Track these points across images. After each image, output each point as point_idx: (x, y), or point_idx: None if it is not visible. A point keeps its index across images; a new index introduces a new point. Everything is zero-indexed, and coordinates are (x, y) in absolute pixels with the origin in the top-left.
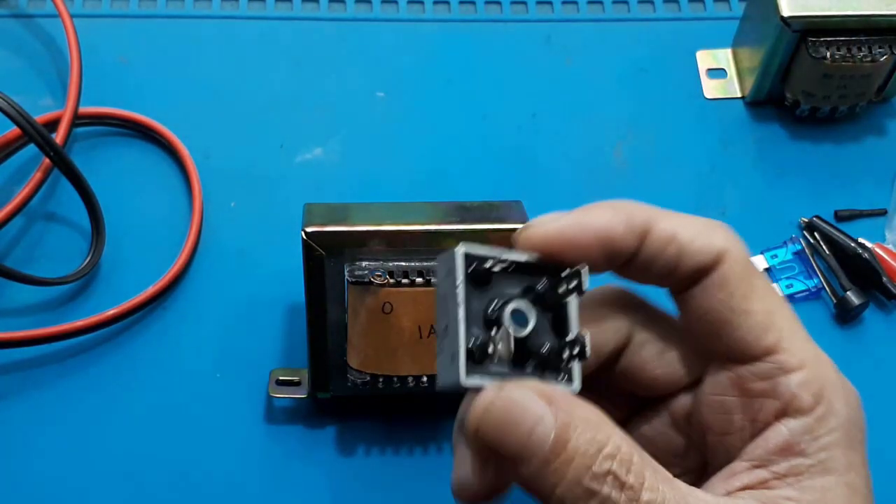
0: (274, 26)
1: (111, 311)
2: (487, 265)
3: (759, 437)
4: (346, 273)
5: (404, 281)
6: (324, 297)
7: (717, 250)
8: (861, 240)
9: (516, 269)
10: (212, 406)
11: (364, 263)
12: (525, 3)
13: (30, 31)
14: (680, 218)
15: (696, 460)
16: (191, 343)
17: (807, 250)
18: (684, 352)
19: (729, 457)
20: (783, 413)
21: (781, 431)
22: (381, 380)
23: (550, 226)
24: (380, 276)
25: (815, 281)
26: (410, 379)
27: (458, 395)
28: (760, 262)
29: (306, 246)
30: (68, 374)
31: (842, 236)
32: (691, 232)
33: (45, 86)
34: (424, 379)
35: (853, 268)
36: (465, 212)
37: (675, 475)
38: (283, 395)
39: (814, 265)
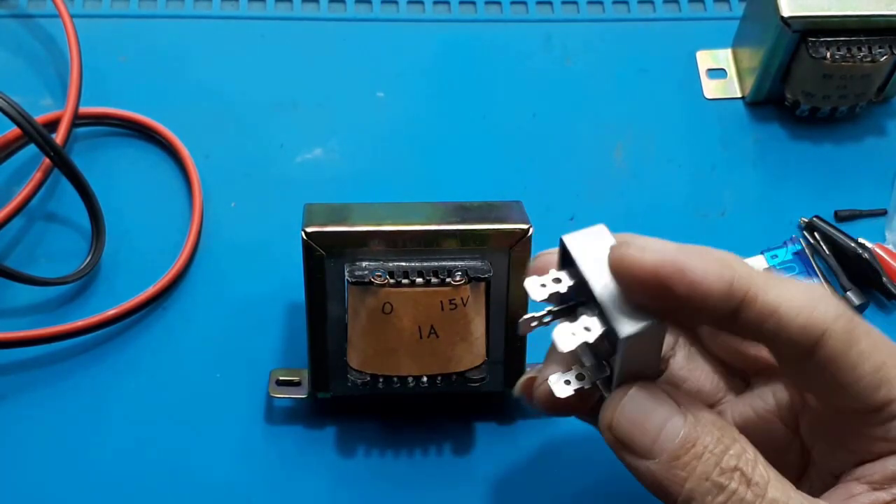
0: (274, 26)
1: (111, 311)
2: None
3: (878, 462)
4: (346, 273)
5: (404, 281)
6: (324, 297)
7: (818, 331)
8: (861, 240)
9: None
10: (212, 406)
11: (364, 264)
12: (525, 3)
13: (30, 31)
14: (784, 289)
15: (798, 458)
16: (191, 343)
17: (807, 250)
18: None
19: (837, 465)
20: None
21: None
22: (381, 380)
23: (648, 256)
24: (380, 276)
25: (815, 281)
26: (410, 379)
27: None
28: (760, 262)
29: (306, 246)
30: (68, 374)
31: (842, 236)
32: (793, 309)
33: (45, 86)
34: (424, 379)
35: (853, 268)
36: (465, 212)
37: (780, 464)
38: (283, 395)
39: (814, 265)
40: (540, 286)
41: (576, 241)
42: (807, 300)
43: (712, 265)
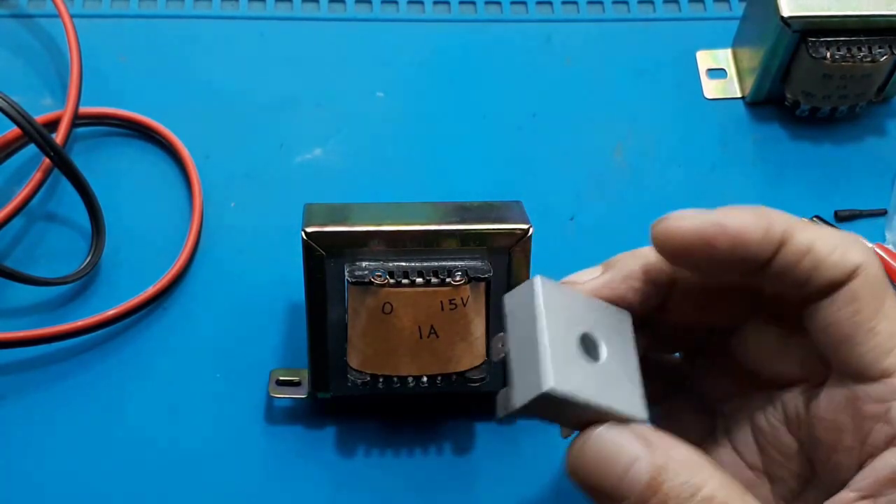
0: (274, 26)
1: (111, 311)
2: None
3: (869, 465)
4: (346, 273)
5: (404, 281)
6: (324, 297)
7: (852, 265)
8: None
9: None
10: (212, 406)
11: (364, 264)
12: (525, 3)
13: (30, 31)
14: (818, 230)
15: (805, 467)
16: (191, 343)
17: None
18: (802, 352)
19: (837, 473)
20: (894, 440)
21: (890, 462)
22: (381, 380)
23: (687, 223)
24: (380, 276)
25: None
26: (410, 379)
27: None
28: None
29: (306, 246)
30: (68, 374)
31: None
32: (828, 245)
33: (45, 86)
34: (424, 379)
35: None
36: (465, 212)
37: (782, 477)
38: (283, 395)
39: None
40: (500, 346)
41: (510, 301)
42: (841, 240)
43: (748, 216)
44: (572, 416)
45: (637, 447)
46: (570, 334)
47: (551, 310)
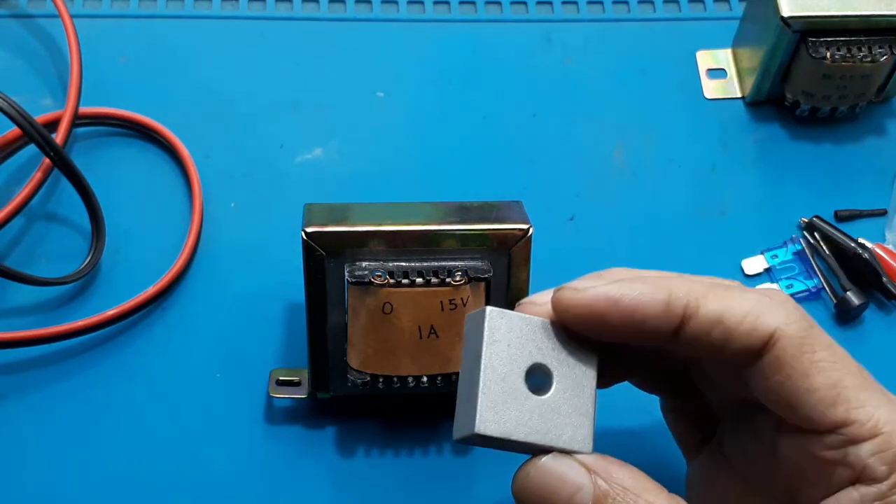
0: (274, 26)
1: (111, 311)
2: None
3: (832, 497)
4: (346, 273)
5: (404, 281)
6: (324, 297)
7: (766, 332)
8: (861, 240)
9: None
10: (212, 406)
11: (364, 264)
12: (525, 3)
13: (30, 31)
14: (729, 297)
15: (788, 487)
16: (191, 343)
17: (807, 250)
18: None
19: (810, 500)
20: (857, 480)
21: (853, 496)
22: (381, 380)
23: (580, 296)
24: (380, 276)
25: (815, 281)
26: (410, 379)
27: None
28: (760, 262)
29: (306, 246)
30: (68, 374)
31: (842, 236)
32: (738, 315)
33: (45, 86)
34: (424, 379)
35: (853, 268)
36: (465, 212)
37: (770, 492)
38: (283, 395)
39: (814, 265)
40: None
41: (468, 323)
42: (754, 306)
43: (644, 289)
44: (515, 447)
45: (580, 476)
46: (517, 367)
47: (499, 342)
